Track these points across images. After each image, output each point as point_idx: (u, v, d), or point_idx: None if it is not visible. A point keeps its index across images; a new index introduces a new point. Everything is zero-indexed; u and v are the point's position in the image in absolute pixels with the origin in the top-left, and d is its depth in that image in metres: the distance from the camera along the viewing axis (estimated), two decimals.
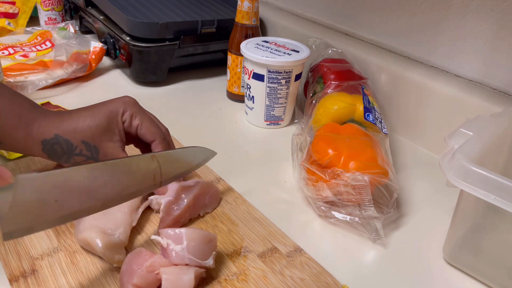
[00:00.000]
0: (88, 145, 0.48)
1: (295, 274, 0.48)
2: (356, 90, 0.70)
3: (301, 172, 0.58)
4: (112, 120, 0.49)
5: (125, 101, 0.51)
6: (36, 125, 0.48)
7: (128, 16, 0.84)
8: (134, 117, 0.51)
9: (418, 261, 0.53)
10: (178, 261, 0.44)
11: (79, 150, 0.48)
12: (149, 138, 0.51)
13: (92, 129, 0.48)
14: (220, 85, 0.91)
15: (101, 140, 0.49)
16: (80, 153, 0.48)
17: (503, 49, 0.64)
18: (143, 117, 0.51)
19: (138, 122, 0.51)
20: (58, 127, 0.48)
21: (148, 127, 0.51)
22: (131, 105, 0.51)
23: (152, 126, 0.51)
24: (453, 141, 0.49)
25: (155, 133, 0.51)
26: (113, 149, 0.49)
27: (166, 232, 0.45)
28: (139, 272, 0.42)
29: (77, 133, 0.48)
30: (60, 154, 0.48)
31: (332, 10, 0.89)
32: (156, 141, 0.51)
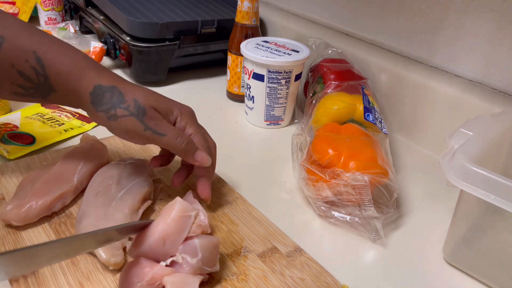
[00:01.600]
0: (138, 103, 0.48)
1: (295, 274, 0.48)
2: (356, 90, 0.70)
3: (301, 172, 0.58)
4: (169, 108, 0.50)
5: (186, 108, 0.53)
6: (94, 72, 0.48)
7: (128, 16, 0.84)
8: (189, 126, 0.52)
9: (418, 261, 0.53)
10: (191, 272, 0.42)
11: (127, 105, 0.48)
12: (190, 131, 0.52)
13: (148, 97, 0.49)
14: (220, 85, 0.91)
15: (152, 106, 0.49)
16: (126, 107, 0.48)
17: (503, 49, 0.64)
18: (198, 130, 0.52)
19: (192, 131, 0.52)
20: (119, 82, 0.49)
21: (200, 139, 0.52)
22: (190, 114, 0.53)
23: (204, 141, 0.52)
24: (453, 141, 0.49)
25: (205, 147, 0.52)
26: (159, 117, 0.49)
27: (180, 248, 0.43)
28: (139, 286, 0.41)
29: (133, 92, 0.48)
30: (105, 102, 0.48)
31: (332, 10, 0.89)
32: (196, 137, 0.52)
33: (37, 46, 0.47)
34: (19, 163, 0.61)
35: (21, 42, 0.47)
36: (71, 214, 0.53)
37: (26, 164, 0.61)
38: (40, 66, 0.47)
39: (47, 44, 0.48)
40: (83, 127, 0.72)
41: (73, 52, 0.49)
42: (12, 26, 0.47)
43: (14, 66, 0.47)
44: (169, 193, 0.58)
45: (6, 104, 0.73)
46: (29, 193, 0.51)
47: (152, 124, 0.48)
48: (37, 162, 0.61)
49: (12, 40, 0.47)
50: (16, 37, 0.47)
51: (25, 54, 0.47)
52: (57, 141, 0.68)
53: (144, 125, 0.48)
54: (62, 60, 0.48)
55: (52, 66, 0.47)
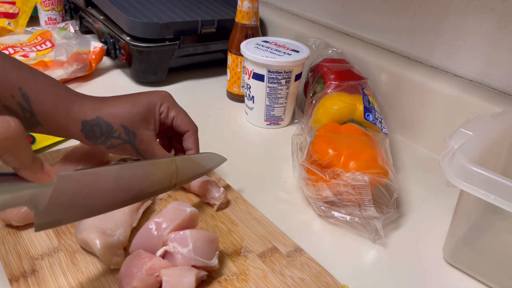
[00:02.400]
0: (127, 129, 0.51)
1: (295, 274, 0.48)
2: (356, 90, 0.70)
3: (301, 172, 0.58)
4: (150, 109, 0.52)
5: (162, 94, 0.54)
6: (76, 106, 0.50)
7: (128, 16, 0.84)
8: (170, 109, 0.54)
9: (418, 261, 0.53)
10: (184, 263, 0.44)
11: (118, 133, 0.50)
12: (184, 128, 0.55)
13: (132, 115, 0.51)
14: (220, 85, 0.91)
15: (139, 126, 0.51)
16: (118, 136, 0.50)
17: (503, 49, 0.64)
18: (179, 110, 0.55)
19: (174, 114, 0.54)
20: (100, 110, 0.50)
21: (183, 119, 0.55)
22: (168, 98, 0.55)
23: (187, 118, 0.56)
24: (453, 141, 0.49)
25: (189, 124, 0.56)
26: (148, 137, 0.52)
27: (170, 237, 0.45)
28: (138, 275, 0.42)
29: (117, 117, 0.50)
30: (98, 136, 0.50)
31: (332, 10, 0.89)
32: (189, 132, 0.56)
33: (23, 82, 0.47)
34: None
35: (8, 76, 0.47)
36: None
37: None
38: (26, 103, 0.47)
39: (33, 80, 0.48)
40: None
41: (57, 88, 0.50)
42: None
43: (0, 101, 0.46)
44: (169, 193, 0.58)
45: None
46: None
47: (142, 148, 0.52)
48: None
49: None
50: (3, 71, 0.47)
51: (12, 88, 0.47)
52: (57, 141, 0.68)
53: (135, 149, 0.52)
54: (47, 97, 0.49)
55: (38, 103, 0.48)
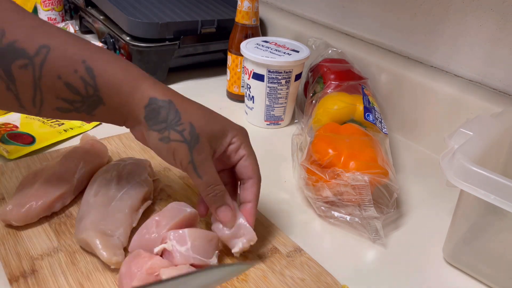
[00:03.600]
0: (193, 130, 0.44)
1: (295, 274, 0.48)
2: (356, 90, 0.70)
3: (301, 172, 0.58)
4: (223, 132, 0.47)
5: (241, 128, 0.49)
6: (148, 82, 0.45)
7: (128, 16, 0.84)
8: (242, 146, 0.48)
9: (418, 261, 0.53)
10: (182, 261, 0.44)
11: (182, 128, 0.44)
12: (249, 173, 0.48)
13: (204, 122, 0.45)
14: (220, 85, 0.91)
15: (205, 136, 0.45)
16: (181, 131, 0.44)
17: (503, 49, 0.64)
18: (251, 151, 0.49)
19: (244, 152, 0.48)
20: (175, 97, 0.45)
21: (252, 162, 0.48)
22: (245, 134, 0.49)
23: (256, 163, 0.49)
24: (453, 141, 0.49)
25: (256, 171, 0.49)
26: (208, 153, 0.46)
27: (168, 235, 0.45)
28: (138, 275, 0.42)
29: (189, 113, 0.45)
30: (160, 120, 0.44)
31: (332, 10, 0.89)
32: (252, 180, 0.48)
33: (87, 55, 0.43)
34: (19, 163, 0.61)
35: (70, 51, 0.43)
36: (71, 214, 0.53)
37: (26, 164, 0.61)
38: (90, 76, 0.43)
39: (97, 53, 0.44)
40: (83, 127, 0.72)
41: (125, 62, 0.46)
42: (58, 35, 0.43)
43: (61, 78, 0.42)
44: (169, 193, 0.58)
45: None
46: (29, 193, 0.51)
47: (198, 159, 0.45)
48: (37, 162, 0.61)
49: (59, 49, 0.42)
50: (64, 46, 0.43)
51: (74, 63, 0.42)
52: (57, 141, 0.68)
53: (191, 156, 0.45)
54: (114, 70, 0.44)
55: (103, 76, 0.43)
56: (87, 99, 0.44)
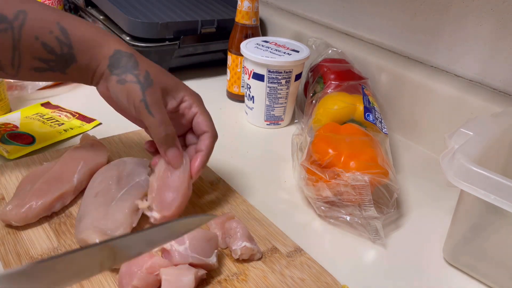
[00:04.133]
0: (148, 75, 0.49)
1: (295, 274, 0.48)
2: (356, 90, 0.70)
3: (301, 172, 0.58)
4: (177, 87, 0.52)
5: (194, 92, 0.54)
6: (114, 39, 0.51)
7: (128, 16, 0.84)
8: (194, 105, 0.52)
9: (418, 261, 0.53)
10: (181, 260, 0.44)
11: (138, 73, 0.49)
12: (203, 128, 0.53)
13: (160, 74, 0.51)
14: (220, 85, 0.91)
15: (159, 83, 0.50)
16: (137, 75, 0.49)
17: (503, 49, 0.64)
18: (203, 110, 0.53)
19: (197, 110, 0.52)
20: (136, 52, 0.51)
21: (205, 118, 0.53)
22: (197, 98, 0.54)
23: (209, 120, 0.53)
24: (453, 141, 0.49)
25: (210, 126, 0.53)
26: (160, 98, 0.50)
27: None
28: (138, 274, 0.42)
29: (147, 64, 0.50)
30: (121, 66, 0.49)
31: (332, 10, 0.89)
32: (207, 133, 0.53)
33: (59, 17, 0.49)
34: (19, 163, 0.61)
35: (45, 14, 0.49)
36: (71, 214, 0.53)
37: (26, 164, 0.61)
38: (64, 36, 0.48)
39: (67, 16, 0.50)
40: (83, 127, 0.72)
41: (93, 24, 0.52)
42: (32, 1, 0.49)
43: (39, 38, 0.48)
44: None
45: (6, 104, 0.73)
46: (29, 193, 0.51)
47: (149, 99, 0.49)
48: (37, 162, 0.61)
49: (35, 12, 0.48)
50: (39, 10, 0.49)
51: (50, 24, 0.48)
52: (57, 141, 0.68)
53: (143, 95, 0.48)
54: (85, 28, 0.50)
55: (76, 34, 0.49)
56: (61, 57, 0.49)
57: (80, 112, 0.76)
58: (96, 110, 0.76)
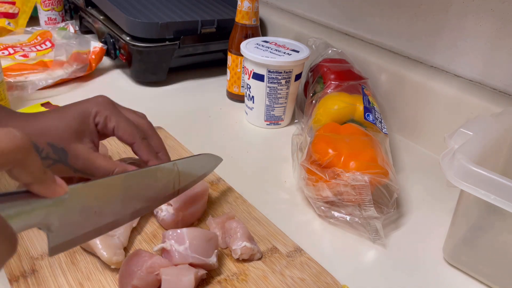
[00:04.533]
0: (55, 147, 0.44)
1: (295, 274, 0.48)
2: (356, 90, 0.70)
3: (301, 172, 0.58)
4: (83, 121, 0.46)
5: (98, 101, 0.47)
6: (0, 124, 0.44)
7: (128, 16, 0.84)
8: (108, 119, 0.47)
9: (418, 261, 0.53)
10: (181, 260, 0.44)
11: (46, 153, 0.44)
12: (127, 140, 0.47)
13: (59, 131, 0.45)
14: (220, 85, 0.91)
15: (70, 142, 0.45)
16: (46, 156, 0.44)
17: (503, 49, 0.64)
18: (119, 119, 0.47)
19: (113, 124, 0.47)
20: (23, 127, 0.44)
21: (124, 129, 0.47)
22: (105, 105, 0.47)
23: (129, 127, 0.47)
24: (453, 141, 0.49)
25: (133, 134, 0.47)
26: (83, 150, 0.45)
27: (167, 234, 0.45)
28: (138, 274, 0.42)
29: (43, 135, 0.44)
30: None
31: (332, 10, 0.89)
32: (135, 143, 0.47)
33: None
34: None
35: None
36: None
37: None
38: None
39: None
40: None
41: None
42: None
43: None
44: None
45: (6, 104, 0.73)
46: None
47: (79, 165, 0.45)
48: None
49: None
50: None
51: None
52: None
53: (72, 168, 0.45)
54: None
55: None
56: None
57: None
58: None
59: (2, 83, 0.71)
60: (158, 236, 0.51)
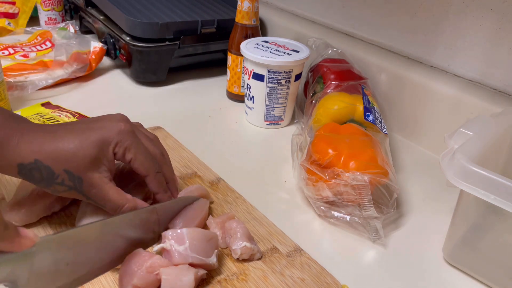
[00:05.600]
0: (71, 175, 0.44)
1: (295, 274, 0.48)
2: (356, 90, 0.70)
3: (301, 172, 0.58)
4: (102, 150, 0.45)
5: (120, 130, 0.46)
6: (12, 143, 0.42)
7: (128, 16, 0.84)
8: (127, 150, 0.46)
9: (418, 261, 0.53)
10: (181, 260, 0.44)
11: (61, 179, 0.43)
12: (143, 173, 0.48)
13: (77, 158, 0.43)
14: (220, 85, 0.91)
15: (86, 170, 0.44)
16: (61, 182, 0.44)
17: (503, 49, 0.64)
18: (137, 150, 0.47)
19: (131, 156, 0.46)
20: (39, 151, 0.43)
21: (141, 162, 0.47)
22: (126, 134, 0.46)
23: (146, 160, 0.47)
24: (453, 141, 0.49)
25: (149, 168, 0.48)
26: (99, 181, 0.45)
27: (167, 234, 0.45)
28: (139, 273, 0.42)
29: (59, 161, 0.43)
30: (38, 180, 0.44)
31: (332, 10, 0.89)
32: (149, 176, 0.48)
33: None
34: None
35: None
36: (71, 214, 0.53)
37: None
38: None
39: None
40: None
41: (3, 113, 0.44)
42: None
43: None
44: None
45: (6, 104, 0.73)
46: (29, 194, 0.51)
47: (92, 193, 0.45)
48: None
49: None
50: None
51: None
52: None
53: (85, 195, 0.45)
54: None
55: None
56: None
57: (80, 112, 0.76)
58: (96, 110, 0.76)
59: (2, 83, 0.71)
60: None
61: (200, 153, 0.66)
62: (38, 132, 0.44)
